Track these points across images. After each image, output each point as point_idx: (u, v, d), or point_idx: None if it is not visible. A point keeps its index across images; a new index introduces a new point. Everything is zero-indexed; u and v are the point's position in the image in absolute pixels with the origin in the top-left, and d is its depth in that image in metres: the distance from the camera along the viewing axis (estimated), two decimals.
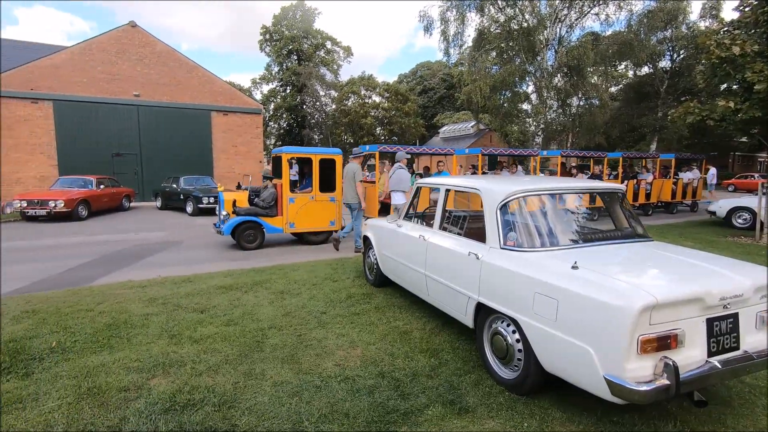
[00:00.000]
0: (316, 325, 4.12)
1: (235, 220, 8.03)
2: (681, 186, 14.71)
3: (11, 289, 5.52)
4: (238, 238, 8.20)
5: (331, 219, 8.76)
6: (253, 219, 8.22)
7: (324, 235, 8.99)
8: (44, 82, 16.28)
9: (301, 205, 8.39)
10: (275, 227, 8.38)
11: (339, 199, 8.73)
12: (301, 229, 8.54)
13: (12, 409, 2.65)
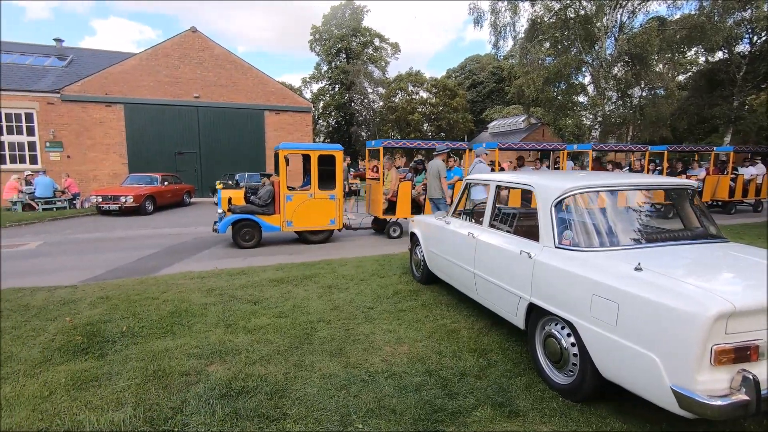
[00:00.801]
0: (364, 320, 4.16)
1: (230, 218, 7.90)
2: (741, 183, 13.06)
3: (89, 277, 6.05)
4: (235, 236, 8.06)
5: (331, 217, 8.43)
6: (248, 217, 8.04)
7: (324, 234, 8.63)
8: (116, 87, 17.66)
9: (299, 203, 8.13)
10: (272, 225, 8.17)
11: (339, 196, 8.47)
12: (299, 227, 8.30)
13: (89, 387, 2.90)
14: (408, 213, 9.09)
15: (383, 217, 9.17)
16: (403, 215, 9.13)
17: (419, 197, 9.37)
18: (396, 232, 9.17)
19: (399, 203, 9.04)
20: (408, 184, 9.21)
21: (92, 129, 17.42)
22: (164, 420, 2.50)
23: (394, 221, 9.19)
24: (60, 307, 4.55)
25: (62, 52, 20.99)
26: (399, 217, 9.14)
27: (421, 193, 9.32)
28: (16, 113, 16.72)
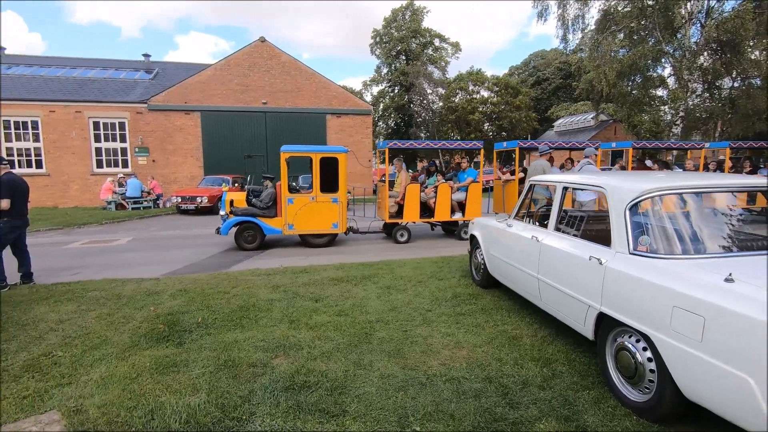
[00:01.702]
0: (421, 322, 4.14)
1: (231, 221, 8.00)
2: None
3: (169, 271, 6.61)
4: (238, 238, 8.17)
5: (334, 221, 8.27)
6: (250, 219, 8.10)
7: (327, 237, 8.49)
8: (194, 96, 19.14)
9: (300, 206, 8.05)
10: (274, 228, 8.18)
11: (342, 200, 8.28)
12: (300, 230, 8.24)
13: (169, 371, 3.16)
14: (416, 217, 8.72)
15: (389, 221, 8.85)
16: (410, 219, 8.74)
17: (429, 200, 8.93)
18: (403, 237, 8.84)
19: (406, 206, 8.64)
20: (416, 186, 8.79)
21: (174, 135, 19.02)
22: (233, 408, 2.67)
23: (401, 225, 8.87)
24: (145, 297, 5.01)
25: (149, 66, 23.16)
26: (406, 221, 8.78)
27: (432, 197, 8.90)
28: (111, 122, 18.71)
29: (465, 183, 9.02)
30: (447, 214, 8.81)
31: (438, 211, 8.75)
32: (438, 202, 8.72)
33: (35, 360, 3.37)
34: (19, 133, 17.90)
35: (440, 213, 8.78)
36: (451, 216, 8.88)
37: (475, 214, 8.80)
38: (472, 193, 8.89)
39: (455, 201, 8.94)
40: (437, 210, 8.75)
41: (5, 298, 5.09)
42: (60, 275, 6.32)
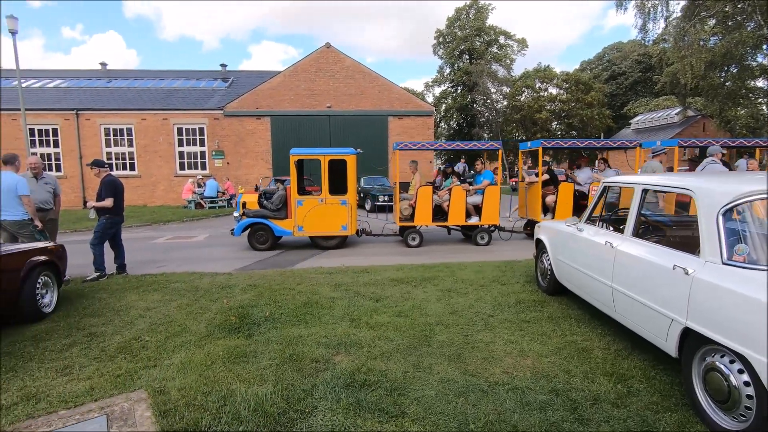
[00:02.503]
0: (483, 327, 4.03)
1: (244, 222, 8.25)
2: None
3: (240, 267, 7.04)
4: (250, 238, 8.39)
5: (343, 223, 8.24)
6: (261, 221, 8.28)
7: (336, 239, 8.48)
8: (265, 102, 20.26)
9: (309, 208, 8.11)
10: (284, 229, 8.29)
11: (351, 202, 8.20)
12: (310, 232, 8.30)
13: (240, 361, 3.36)
14: (428, 220, 8.45)
15: (400, 224, 8.66)
16: (422, 222, 8.47)
17: (443, 203, 8.64)
18: (415, 241, 8.58)
19: (418, 209, 8.40)
20: (428, 189, 8.48)
21: (246, 139, 20.27)
22: (297, 400, 2.77)
23: (413, 229, 8.64)
24: (220, 290, 5.38)
25: (226, 75, 24.89)
26: (418, 224, 8.51)
27: (445, 199, 8.58)
28: (192, 128, 20.37)
29: (481, 185, 8.67)
30: (461, 217, 8.52)
31: (451, 214, 8.47)
32: (451, 205, 8.45)
33: (127, 343, 3.75)
34: (117, 139, 20.08)
35: (454, 216, 8.50)
36: (466, 220, 8.59)
37: (491, 218, 8.52)
38: (488, 196, 8.51)
39: (471, 204, 8.66)
40: (450, 213, 8.48)
41: (104, 285, 5.73)
42: (147, 267, 6.98)
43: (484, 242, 8.57)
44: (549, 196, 8.75)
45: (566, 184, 8.70)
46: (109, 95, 21.50)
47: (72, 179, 19.57)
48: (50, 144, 19.74)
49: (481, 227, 8.65)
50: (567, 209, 8.41)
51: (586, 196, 8.71)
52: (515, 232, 9.40)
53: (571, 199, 8.51)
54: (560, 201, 8.53)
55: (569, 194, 8.54)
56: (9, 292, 4.04)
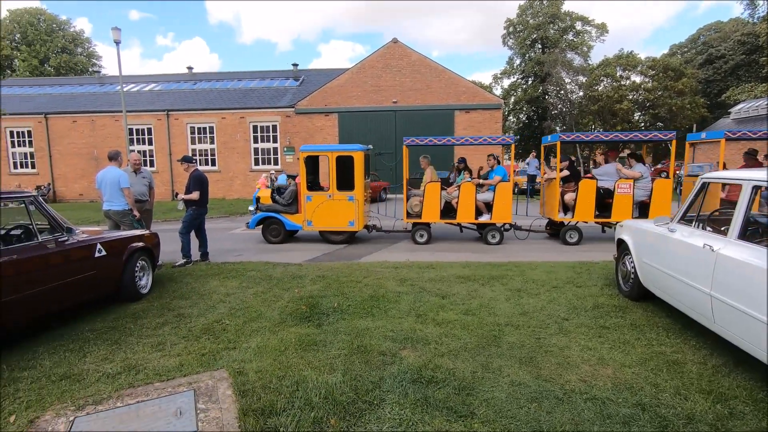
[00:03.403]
0: (557, 330, 3.82)
1: (258, 216, 8.55)
2: None
3: (309, 258, 7.32)
4: (264, 232, 8.65)
5: (350, 219, 8.23)
6: (273, 215, 8.51)
7: (344, 235, 8.51)
8: (333, 99, 20.83)
9: (318, 203, 8.19)
10: (295, 224, 8.46)
11: (358, 197, 8.17)
12: (319, 227, 8.41)
13: (310, 349, 3.49)
14: (437, 217, 8.23)
15: (407, 221, 8.51)
16: (430, 219, 8.28)
17: (452, 200, 8.33)
18: (423, 238, 8.41)
19: (425, 206, 8.22)
20: (435, 185, 8.23)
21: (315, 135, 21.00)
22: (366, 391, 2.82)
23: (420, 225, 8.44)
24: (291, 280, 5.63)
25: (297, 74, 25.93)
26: (426, 221, 8.33)
27: (454, 196, 8.27)
28: (265, 125, 21.51)
29: (492, 182, 8.26)
30: (471, 215, 8.17)
31: (460, 211, 8.18)
32: (460, 202, 8.15)
33: (210, 325, 4.06)
34: (200, 136, 21.80)
35: (463, 214, 8.20)
36: (476, 218, 8.24)
37: (503, 215, 8.12)
38: (500, 193, 8.09)
39: (482, 201, 8.27)
40: (459, 210, 8.19)
41: (190, 271, 6.25)
42: (227, 256, 7.50)
43: (495, 241, 8.26)
44: (568, 194, 8.17)
45: (588, 180, 8.03)
46: (195, 96, 23.36)
47: (162, 174, 21.57)
48: (145, 142, 21.92)
49: (492, 225, 8.28)
50: (588, 208, 7.90)
51: (612, 193, 7.94)
52: (533, 232, 8.93)
53: (593, 197, 7.88)
54: (581, 199, 7.92)
55: (591, 192, 7.89)
56: (114, 274, 4.55)
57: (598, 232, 8.97)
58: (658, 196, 7.80)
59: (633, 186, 7.77)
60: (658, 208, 7.68)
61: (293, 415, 2.54)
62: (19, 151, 22.46)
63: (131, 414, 2.58)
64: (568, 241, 8.13)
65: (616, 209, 7.81)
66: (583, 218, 8.01)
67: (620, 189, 7.80)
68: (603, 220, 8.14)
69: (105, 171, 6.15)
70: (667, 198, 7.76)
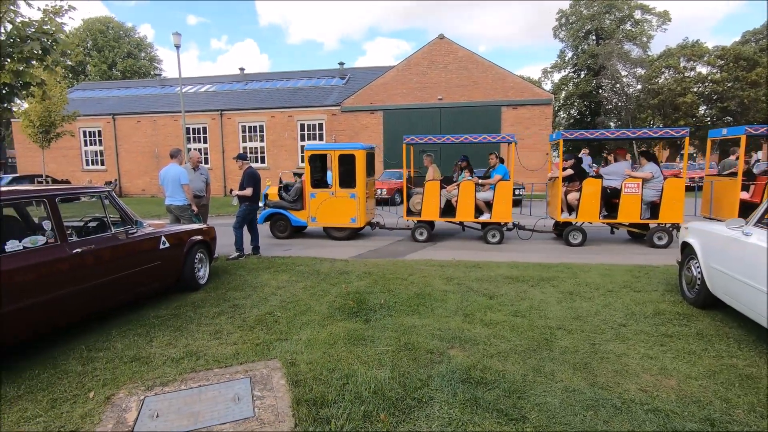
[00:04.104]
0: (613, 336, 3.64)
1: (265, 212, 8.87)
2: None
3: (355, 254, 7.43)
4: (272, 227, 9.02)
5: (352, 216, 8.46)
6: (279, 211, 8.92)
7: (346, 231, 8.73)
8: (378, 97, 20.95)
9: (321, 200, 8.41)
10: (300, 220, 8.84)
11: (360, 195, 8.37)
12: (322, 223, 8.67)
13: (359, 344, 3.55)
14: (436, 215, 8.29)
15: (407, 218, 8.65)
16: (429, 217, 8.34)
17: (452, 199, 8.35)
18: (423, 236, 8.49)
19: (425, 204, 8.31)
20: (435, 183, 8.27)
21: (360, 133, 21.24)
22: (414, 389, 2.83)
23: (420, 223, 8.53)
24: (338, 275, 5.75)
25: (343, 73, 26.32)
26: (425, 219, 8.39)
27: (454, 195, 8.25)
28: (312, 124, 22.02)
29: (492, 180, 8.16)
30: (470, 214, 8.17)
31: (460, 210, 8.18)
32: (459, 201, 8.15)
33: (263, 316, 4.23)
34: (251, 135, 22.69)
35: (462, 212, 8.19)
36: (476, 216, 8.22)
37: (503, 215, 8.05)
38: (500, 191, 8.01)
39: (482, 200, 8.21)
40: (459, 209, 8.20)
41: (243, 264, 6.54)
42: (276, 250, 7.77)
43: (495, 240, 8.16)
44: (571, 193, 7.92)
45: (592, 179, 7.74)
46: (246, 96, 24.33)
47: (216, 171, 22.66)
48: (200, 140, 23.12)
49: (491, 224, 8.18)
50: (593, 208, 7.64)
51: (620, 193, 7.53)
52: (537, 232, 8.74)
53: (598, 197, 7.60)
54: (585, 199, 7.66)
55: (595, 191, 7.62)
56: (176, 265, 4.85)
57: (618, 235, 8.43)
58: (668, 195, 7.38)
59: (641, 186, 7.44)
60: (669, 209, 7.38)
61: (344, 408, 2.60)
62: (90, 150, 24.42)
63: (194, 397, 2.75)
64: (571, 242, 7.92)
65: (623, 210, 7.55)
66: (587, 219, 7.76)
67: (627, 189, 7.48)
68: (609, 221, 7.91)
69: (167, 168, 6.55)
70: (679, 198, 7.36)
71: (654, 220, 7.59)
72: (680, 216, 7.37)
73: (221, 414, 2.56)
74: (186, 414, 2.56)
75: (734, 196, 7.27)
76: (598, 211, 7.64)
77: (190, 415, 2.55)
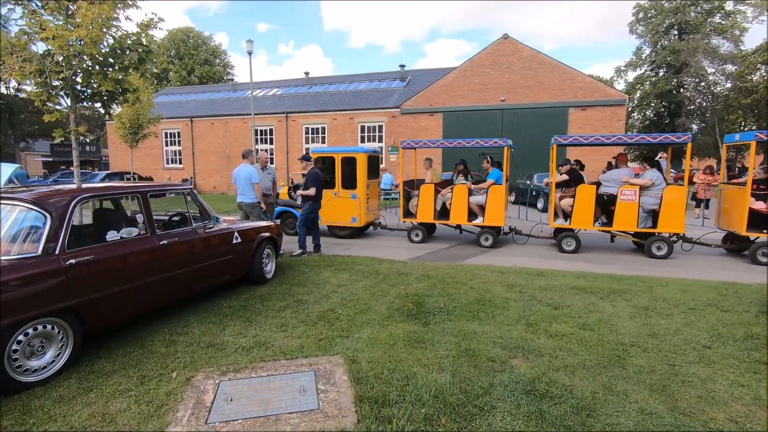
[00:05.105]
0: (697, 359, 3.35)
1: (276, 210, 9.05)
2: None
3: (413, 256, 7.44)
4: (282, 225, 9.26)
5: (353, 215, 8.87)
6: (288, 210, 9.38)
7: (348, 230, 9.17)
8: (438, 99, 20.81)
9: (326, 200, 8.47)
10: None
11: (360, 196, 8.81)
12: (326, 222, 9.03)
13: (418, 346, 3.56)
14: (430, 217, 8.53)
15: (404, 220, 9.06)
16: (424, 219, 8.63)
17: (446, 202, 8.52)
18: (418, 237, 8.82)
19: (420, 206, 8.62)
20: (429, 187, 8.50)
21: (419, 135, 21.21)
22: (476, 396, 2.79)
23: (415, 225, 8.87)
24: (397, 277, 5.79)
25: (403, 75, 26.46)
26: (420, 221, 8.72)
27: (448, 198, 8.44)
28: (372, 126, 22.36)
29: (485, 185, 8.24)
30: (463, 217, 8.32)
31: (453, 213, 8.38)
32: (452, 204, 8.35)
33: (325, 313, 4.37)
34: (314, 137, 23.50)
35: (455, 215, 8.38)
36: (469, 220, 8.32)
37: (495, 218, 8.08)
38: (492, 195, 8.07)
39: (476, 204, 8.25)
40: (452, 212, 8.41)
41: (305, 261, 6.80)
42: (336, 249, 7.99)
43: (488, 244, 8.25)
44: (565, 199, 7.86)
45: (586, 186, 7.67)
46: (310, 99, 25.25)
47: (281, 171, 23.72)
48: (267, 141, 24.33)
49: (484, 228, 8.27)
50: (586, 215, 7.51)
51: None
52: (534, 237, 8.72)
53: (592, 204, 7.48)
54: (578, 205, 7.55)
55: (589, 198, 7.49)
56: (246, 259, 5.15)
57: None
58: (668, 203, 7.07)
59: (638, 193, 7.20)
60: (669, 218, 7.08)
61: (405, 409, 2.62)
62: (170, 149, 26.60)
63: (264, 385, 2.91)
64: (565, 249, 7.82)
65: (618, 217, 7.36)
66: (580, 225, 7.64)
67: (623, 196, 7.29)
68: (604, 228, 7.76)
69: (240, 168, 6.97)
70: (680, 206, 7.04)
71: (653, 229, 7.25)
72: (681, 225, 7.03)
73: (288, 404, 2.68)
74: (257, 400, 2.72)
75: (743, 206, 6.77)
76: (592, 217, 7.55)
77: (261, 402, 2.70)
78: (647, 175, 7.36)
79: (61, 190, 3.53)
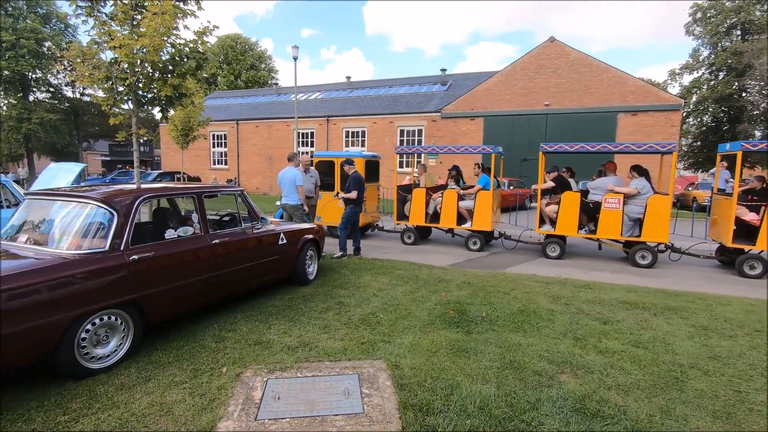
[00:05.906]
0: (765, 386, 3.10)
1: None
2: None
3: (453, 263, 7.36)
4: None
5: None
6: None
7: None
8: (479, 103, 20.54)
9: (326, 201, 9.09)
10: None
11: None
12: (327, 223, 9.30)
13: (461, 355, 3.51)
14: (421, 220, 8.86)
15: (397, 222, 9.35)
16: (415, 222, 8.96)
17: (437, 206, 8.76)
18: (410, 239, 9.10)
19: (412, 209, 8.96)
20: (421, 191, 8.83)
21: (459, 139, 21.03)
22: (522, 410, 2.71)
23: (407, 227, 9.15)
24: (437, 283, 5.75)
25: (444, 79, 26.31)
26: (412, 223, 9.03)
27: (439, 202, 8.69)
28: (412, 129, 22.37)
29: (472, 190, 8.48)
30: (452, 220, 8.58)
31: (443, 217, 8.66)
32: (442, 208, 8.63)
33: (366, 316, 4.41)
34: (354, 140, 23.80)
35: (445, 219, 8.65)
36: (459, 224, 8.55)
37: (482, 223, 8.26)
38: (479, 201, 8.29)
39: (465, 209, 8.49)
40: (442, 216, 8.67)
41: (345, 263, 6.88)
42: (375, 252, 8.04)
43: (475, 248, 8.46)
44: (550, 206, 7.95)
45: (570, 193, 7.70)
46: (350, 103, 25.60)
47: None
48: (308, 144, 24.88)
49: (473, 232, 8.50)
50: (570, 222, 7.57)
51: None
52: (522, 242, 8.91)
53: (577, 211, 7.52)
54: (562, 212, 7.63)
55: (574, 205, 7.54)
56: (291, 260, 5.29)
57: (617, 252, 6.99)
58: (652, 213, 7.04)
59: (623, 201, 7.18)
60: (652, 227, 7.05)
61: (450, 419, 2.59)
62: (217, 151, 27.76)
63: (309, 385, 2.97)
64: (549, 255, 7.89)
65: (602, 225, 7.36)
66: (564, 232, 7.73)
67: (607, 204, 7.30)
68: (588, 235, 7.73)
69: (285, 170, 7.17)
70: (665, 216, 6.96)
71: (636, 238, 7.21)
72: (665, 235, 6.99)
73: (333, 405, 2.72)
74: (303, 400, 2.78)
75: (730, 217, 6.54)
76: (576, 224, 7.56)
77: (307, 402, 2.76)
78: (633, 183, 7.32)
79: (124, 189, 3.76)
